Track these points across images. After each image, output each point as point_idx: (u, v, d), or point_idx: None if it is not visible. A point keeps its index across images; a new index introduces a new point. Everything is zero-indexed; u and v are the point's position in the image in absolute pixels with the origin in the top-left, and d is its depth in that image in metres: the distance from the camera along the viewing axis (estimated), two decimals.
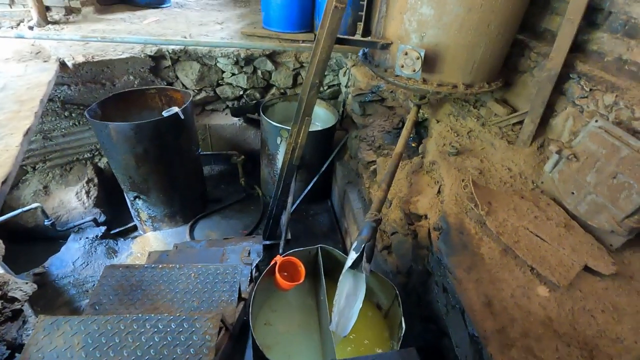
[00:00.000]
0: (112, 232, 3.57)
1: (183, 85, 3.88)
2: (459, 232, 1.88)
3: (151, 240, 3.52)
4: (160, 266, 1.87)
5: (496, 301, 1.54)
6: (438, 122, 2.87)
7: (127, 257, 3.32)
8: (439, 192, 2.27)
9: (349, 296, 1.83)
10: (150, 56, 3.50)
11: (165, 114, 2.99)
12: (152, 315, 1.43)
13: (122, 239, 3.51)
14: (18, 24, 3.71)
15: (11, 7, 3.86)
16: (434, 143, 2.63)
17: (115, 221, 3.69)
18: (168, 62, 3.67)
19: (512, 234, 1.79)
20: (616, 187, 1.72)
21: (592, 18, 2.08)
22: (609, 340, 1.41)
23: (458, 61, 2.25)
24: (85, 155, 3.67)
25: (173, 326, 1.41)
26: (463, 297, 1.60)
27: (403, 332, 1.77)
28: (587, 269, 1.66)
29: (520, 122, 2.46)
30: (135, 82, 3.56)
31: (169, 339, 1.38)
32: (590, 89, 2.03)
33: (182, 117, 3.00)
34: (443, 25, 2.12)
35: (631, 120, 1.80)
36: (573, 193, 1.93)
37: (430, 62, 2.23)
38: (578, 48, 2.15)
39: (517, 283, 1.62)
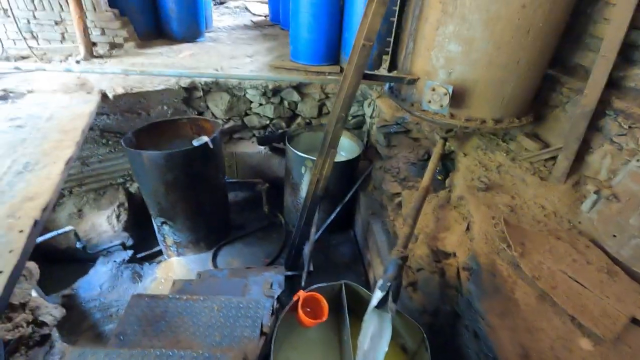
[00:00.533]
0: (138, 256, 3.65)
1: (213, 114, 4.04)
2: (491, 273, 1.79)
3: (175, 265, 3.56)
4: (184, 297, 1.88)
5: (534, 353, 1.44)
6: (465, 155, 2.82)
7: (151, 281, 3.37)
8: (467, 229, 2.19)
9: (374, 337, 1.76)
10: (183, 88, 3.68)
11: (195, 143, 3.10)
12: (176, 351, 1.42)
13: (147, 264, 3.58)
14: (67, 58, 4.02)
15: (62, 43, 4.21)
16: (461, 177, 2.58)
17: (142, 245, 3.78)
18: (200, 93, 3.84)
19: (549, 279, 1.69)
20: None
21: (627, 54, 2.03)
22: None
23: (487, 97, 2.23)
24: (118, 181, 3.82)
25: None
26: (496, 345, 1.50)
27: None
28: (635, 320, 1.53)
29: (553, 158, 2.38)
30: (169, 112, 3.74)
31: None
32: (629, 127, 1.95)
33: (212, 146, 3.10)
34: (471, 61, 2.13)
35: None
36: (615, 236, 1.82)
37: (458, 98, 2.22)
38: (614, 84, 2.09)
39: (556, 334, 1.51)
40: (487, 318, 1.59)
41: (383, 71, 2.75)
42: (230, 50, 4.89)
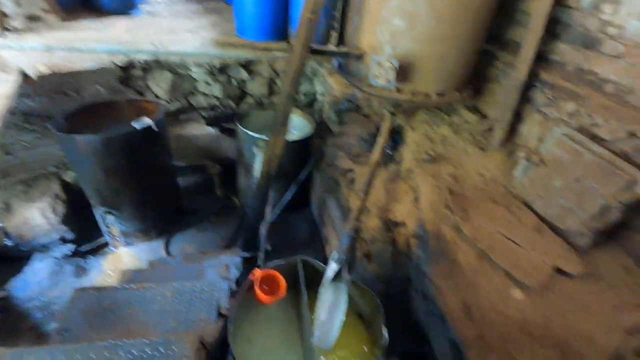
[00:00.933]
0: (82, 249, 3.40)
1: (155, 95, 3.78)
2: (437, 239, 1.91)
3: (124, 256, 3.37)
4: (133, 286, 1.80)
5: (474, 307, 1.58)
6: (413, 129, 2.93)
7: (98, 275, 3.17)
8: (416, 199, 2.30)
9: (331, 308, 1.82)
10: (119, 66, 3.39)
11: (136, 125, 2.89)
12: (126, 340, 1.36)
13: (92, 257, 3.35)
14: None
15: None
16: (409, 151, 2.68)
17: (85, 238, 3.51)
18: (139, 72, 3.56)
19: (487, 239, 1.84)
20: (581, 191, 1.81)
21: (553, 29, 2.19)
22: (580, 339, 1.47)
23: (430, 71, 2.31)
24: (50, 170, 3.48)
25: (148, 351, 1.35)
26: (442, 304, 1.63)
27: (386, 341, 1.77)
28: (558, 270, 1.73)
29: (491, 129, 2.55)
30: (104, 93, 3.43)
31: None
32: (554, 97, 2.13)
33: (155, 128, 2.92)
34: (415, 36, 2.17)
35: (592, 126, 1.90)
36: (542, 197, 2.01)
37: (403, 72, 2.27)
38: (542, 58, 2.26)
39: (493, 287, 1.66)
40: (434, 280, 1.71)
41: (331, 46, 2.73)
42: (170, 24, 4.55)
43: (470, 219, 1.95)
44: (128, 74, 3.53)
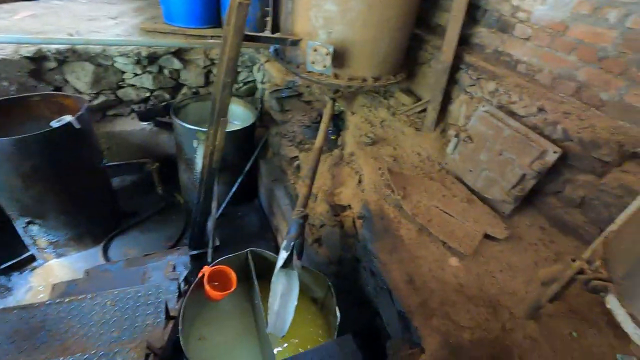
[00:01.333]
0: (2, 266, 3.03)
1: (75, 89, 3.42)
2: (380, 217, 2.00)
3: (55, 269, 3.08)
4: (66, 300, 1.65)
5: (417, 277, 1.69)
6: (353, 114, 3.00)
7: (25, 292, 2.86)
8: (359, 181, 2.38)
9: (284, 295, 1.84)
10: (27, 57, 3.01)
11: (55, 124, 2.60)
12: (61, 358, 1.26)
13: (16, 273, 3.01)
14: None
15: None
16: (351, 135, 2.74)
17: (3, 253, 3.13)
18: (53, 64, 3.19)
19: (425, 214, 1.97)
20: (503, 163, 2.00)
21: (473, 14, 2.34)
22: (507, 294, 1.64)
23: (365, 55, 2.36)
24: None
25: None
26: (388, 278, 1.72)
27: (338, 321, 1.84)
28: (487, 236, 1.91)
29: (425, 110, 2.69)
30: (12, 89, 3.04)
31: None
32: (477, 78, 2.30)
33: (78, 126, 2.65)
34: (348, 21, 2.20)
35: (509, 104, 2.09)
36: (471, 171, 2.19)
37: (339, 58, 2.30)
38: (465, 41, 2.42)
39: (433, 257, 1.79)
40: (379, 256, 1.80)
41: (266, 32, 2.66)
42: (88, 10, 4.11)
43: (410, 196, 2.06)
44: (40, 66, 3.15)
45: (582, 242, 1.85)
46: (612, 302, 0.89)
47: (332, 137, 3.04)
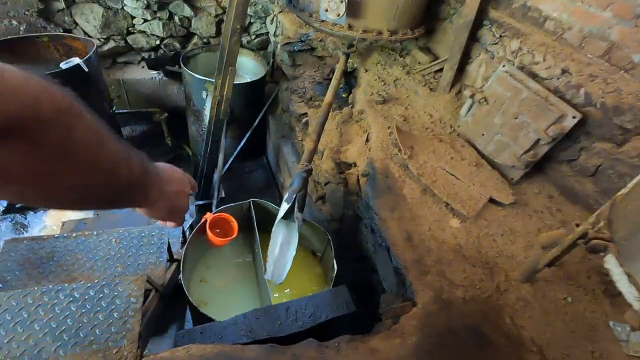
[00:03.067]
0: (18, 205, 3.16)
1: (85, 32, 3.35)
2: (384, 176, 1.97)
3: (68, 211, 3.19)
4: (74, 234, 1.71)
5: (415, 235, 1.68)
6: (366, 71, 2.89)
7: (40, 231, 2.99)
8: (367, 140, 2.33)
9: (283, 245, 1.87)
10: None
11: (63, 65, 2.58)
12: (66, 285, 1.32)
13: (31, 212, 3.13)
14: None
15: None
16: (362, 92, 2.66)
17: None
18: (61, 5, 3.11)
19: (430, 175, 1.93)
20: (517, 127, 1.91)
21: None
22: (506, 258, 1.64)
23: (381, 6, 2.22)
24: None
25: (92, 293, 1.32)
26: (387, 234, 1.72)
27: (335, 272, 1.87)
28: (492, 200, 1.87)
29: (441, 70, 2.56)
30: (21, 28, 2.99)
31: (88, 306, 1.29)
32: (500, 36, 2.16)
33: (86, 69, 2.63)
34: None
35: (532, 64, 1.97)
36: (483, 134, 2.11)
37: (354, 7, 2.17)
38: None
39: (433, 218, 1.78)
40: (380, 213, 1.79)
41: None
42: None
43: (417, 156, 2.01)
44: (49, 6, 3.08)
45: (590, 212, 1.80)
46: (610, 261, 0.87)
47: (343, 95, 2.95)
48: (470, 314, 1.40)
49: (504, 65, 2.03)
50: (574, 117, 1.72)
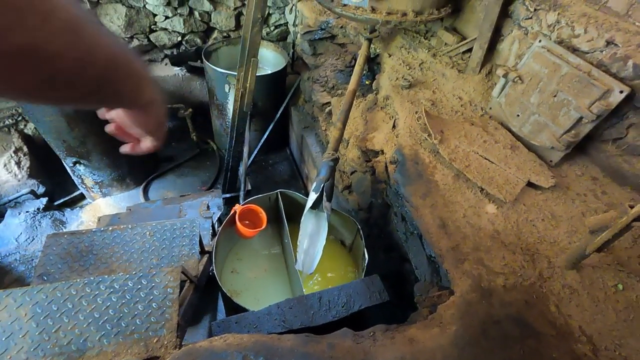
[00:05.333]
0: (57, 203, 3.31)
1: None
2: (414, 162, 1.91)
3: (102, 207, 3.31)
4: (110, 228, 1.76)
5: (450, 222, 1.62)
6: (390, 56, 2.80)
7: (77, 227, 3.12)
8: (394, 126, 2.27)
9: (313, 235, 1.86)
10: None
11: None
12: (106, 276, 1.36)
13: (69, 209, 3.27)
14: None
15: None
16: (387, 78, 2.58)
17: (58, 191, 3.40)
18: (86, 6, 3.18)
19: (463, 159, 1.85)
20: (556, 105, 1.80)
21: None
22: (548, 244, 1.55)
23: None
24: (7, 122, 3.24)
25: (130, 284, 1.35)
26: (420, 222, 1.67)
27: (366, 262, 1.84)
28: (530, 184, 1.78)
29: (470, 50, 2.45)
30: None
31: (127, 297, 1.32)
32: (535, 9, 2.02)
33: None
34: None
35: (571, 37, 1.84)
36: (518, 115, 2.00)
37: None
38: None
39: (468, 204, 1.71)
40: (411, 200, 1.74)
41: None
42: None
43: (447, 141, 1.94)
44: None
45: None
46: None
47: (367, 82, 2.88)
48: (512, 302, 1.34)
49: (540, 41, 1.91)
50: (621, 92, 1.60)
